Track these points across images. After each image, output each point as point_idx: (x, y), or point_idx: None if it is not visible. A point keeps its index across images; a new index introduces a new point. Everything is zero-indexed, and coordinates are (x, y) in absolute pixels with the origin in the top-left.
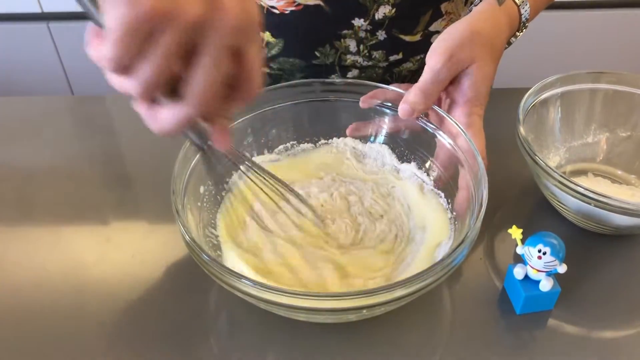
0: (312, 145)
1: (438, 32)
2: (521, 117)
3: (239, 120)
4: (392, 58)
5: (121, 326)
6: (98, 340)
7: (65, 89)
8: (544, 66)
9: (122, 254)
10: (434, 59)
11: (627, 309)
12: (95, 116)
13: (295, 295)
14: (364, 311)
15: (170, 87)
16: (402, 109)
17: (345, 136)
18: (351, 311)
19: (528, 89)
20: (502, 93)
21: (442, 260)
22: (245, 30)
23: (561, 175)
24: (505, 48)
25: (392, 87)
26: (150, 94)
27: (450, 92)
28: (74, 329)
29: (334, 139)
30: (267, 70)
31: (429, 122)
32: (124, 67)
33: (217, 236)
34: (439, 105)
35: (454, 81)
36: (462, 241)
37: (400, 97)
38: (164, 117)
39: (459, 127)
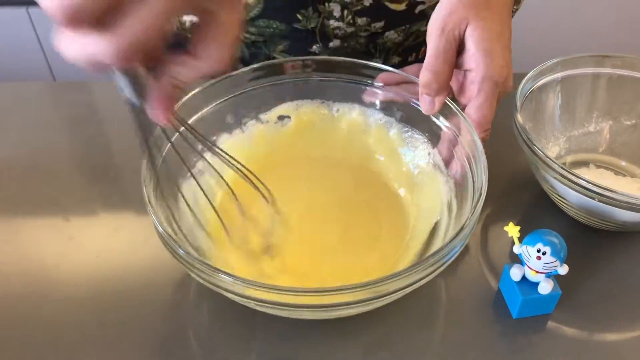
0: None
1: (423, 2)
2: (518, 103)
3: (215, 104)
4: (375, 26)
5: (85, 333)
6: (58, 351)
7: (46, 75)
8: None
9: (86, 253)
10: (431, 35)
11: (632, 310)
12: (69, 104)
13: (301, 294)
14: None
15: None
16: (423, 101)
17: None
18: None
19: (525, 74)
20: None
21: (431, 256)
22: None
23: (562, 167)
24: (513, 12)
25: (395, 70)
26: (81, 17)
27: (462, 62)
28: (30, 337)
29: None
30: (245, 36)
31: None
32: None
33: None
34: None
35: (461, 50)
36: (456, 235)
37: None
38: (93, 44)
39: (460, 113)
